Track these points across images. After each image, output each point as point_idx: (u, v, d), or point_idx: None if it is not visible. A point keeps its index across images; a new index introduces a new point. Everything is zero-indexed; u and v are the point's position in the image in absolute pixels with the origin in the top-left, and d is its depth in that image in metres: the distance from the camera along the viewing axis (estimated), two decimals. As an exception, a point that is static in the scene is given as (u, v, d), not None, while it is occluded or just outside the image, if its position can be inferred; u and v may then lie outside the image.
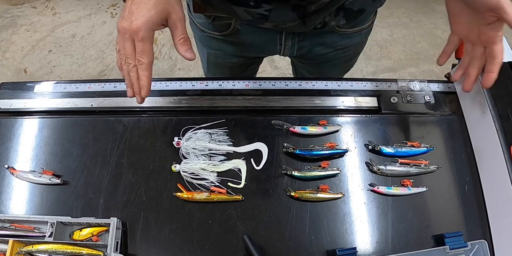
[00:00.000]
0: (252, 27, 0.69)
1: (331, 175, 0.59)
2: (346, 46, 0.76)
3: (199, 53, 0.88)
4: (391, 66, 1.93)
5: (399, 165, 0.59)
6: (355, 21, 0.68)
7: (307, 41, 0.73)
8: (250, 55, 0.80)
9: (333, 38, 0.73)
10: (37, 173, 0.58)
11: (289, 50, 0.75)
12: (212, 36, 0.74)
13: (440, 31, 2.05)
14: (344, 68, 0.90)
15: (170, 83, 0.68)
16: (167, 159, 0.60)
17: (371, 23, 0.75)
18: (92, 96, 0.67)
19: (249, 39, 0.72)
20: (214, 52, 0.80)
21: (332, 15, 0.62)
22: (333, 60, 0.81)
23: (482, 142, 0.60)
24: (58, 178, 0.57)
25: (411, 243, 0.55)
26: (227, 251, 0.54)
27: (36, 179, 0.57)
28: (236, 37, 0.72)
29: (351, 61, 0.87)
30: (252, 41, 0.73)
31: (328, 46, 0.75)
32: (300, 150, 0.59)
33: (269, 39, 0.72)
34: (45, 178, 0.57)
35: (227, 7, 0.59)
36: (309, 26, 0.62)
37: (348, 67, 0.90)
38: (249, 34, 0.71)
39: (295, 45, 0.74)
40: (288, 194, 0.57)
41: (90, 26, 2.05)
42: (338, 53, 0.78)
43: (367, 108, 0.66)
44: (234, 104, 0.66)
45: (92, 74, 1.86)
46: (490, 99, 0.59)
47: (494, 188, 0.56)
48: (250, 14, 0.58)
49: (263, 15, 0.58)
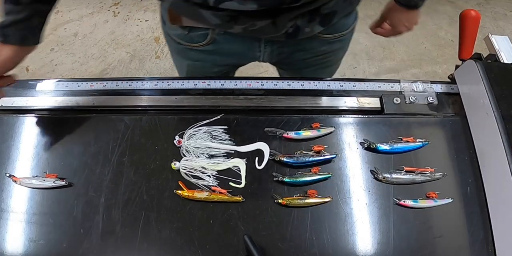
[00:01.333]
0: (229, 35, 0.68)
1: (323, 179, 0.58)
2: (327, 51, 0.76)
3: (176, 67, 0.88)
4: (394, 67, 1.93)
5: (405, 173, 0.59)
6: (331, 25, 0.67)
7: (286, 48, 0.72)
8: (230, 63, 0.80)
9: (313, 43, 0.72)
10: (40, 177, 0.57)
11: (269, 56, 0.75)
12: (190, 48, 0.73)
13: (443, 32, 2.04)
14: (327, 73, 0.89)
15: (172, 82, 0.68)
16: (168, 158, 0.60)
17: (352, 29, 0.74)
18: (93, 94, 0.67)
19: (227, 48, 0.72)
20: (193, 64, 0.80)
21: (305, 19, 0.61)
22: (314, 66, 0.80)
23: (485, 144, 0.59)
24: (62, 180, 0.57)
25: (412, 244, 0.55)
26: (227, 251, 0.54)
27: (40, 183, 0.57)
28: (214, 47, 0.72)
29: (332, 66, 0.86)
30: (230, 50, 0.72)
31: (308, 52, 0.74)
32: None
33: (248, 46, 0.71)
34: (49, 181, 0.57)
35: (196, 12, 0.57)
36: (280, 29, 0.60)
37: (330, 72, 0.89)
38: (227, 43, 0.70)
39: (274, 51, 0.73)
40: (276, 201, 0.56)
41: (92, 25, 2.05)
42: (319, 59, 0.77)
43: (369, 108, 0.66)
44: (236, 104, 0.66)
45: (94, 72, 1.86)
46: (493, 100, 0.58)
47: (497, 190, 0.56)
48: (218, 18, 0.57)
49: (231, 17, 0.57)
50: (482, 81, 0.60)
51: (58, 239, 0.54)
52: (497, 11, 2.21)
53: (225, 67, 0.81)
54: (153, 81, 0.68)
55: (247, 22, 0.58)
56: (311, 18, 0.61)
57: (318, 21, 0.62)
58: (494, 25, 2.14)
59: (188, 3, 0.56)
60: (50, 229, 0.55)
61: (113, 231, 0.55)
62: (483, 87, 0.60)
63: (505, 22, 2.16)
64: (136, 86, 0.68)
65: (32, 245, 0.54)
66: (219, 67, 0.79)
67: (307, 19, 0.61)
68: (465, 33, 0.70)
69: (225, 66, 0.80)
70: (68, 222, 0.55)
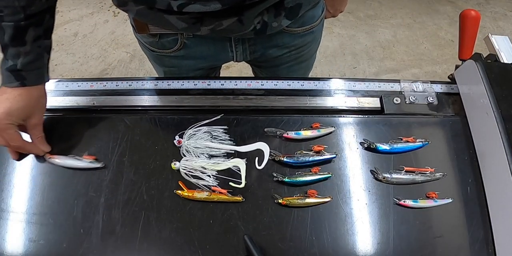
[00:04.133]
0: (198, 39, 0.68)
1: (323, 179, 0.58)
2: (300, 46, 0.75)
3: (157, 72, 0.88)
4: (394, 67, 1.93)
5: (405, 173, 0.59)
6: (298, 18, 0.66)
7: (259, 45, 0.72)
8: (205, 66, 0.79)
9: (284, 39, 0.72)
10: (77, 157, 0.59)
11: (242, 55, 0.75)
12: (163, 55, 0.73)
13: (443, 32, 2.04)
14: (304, 69, 0.89)
15: (172, 82, 0.68)
16: (168, 158, 0.60)
17: (321, 20, 0.75)
18: (94, 94, 0.67)
19: (199, 51, 0.72)
20: (169, 70, 0.80)
21: (271, 14, 0.60)
22: (289, 62, 0.80)
23: (485, 144, 0.59)
24: (99, 162, 0.59)
25: (412, 244, 0.55)
26: (227, 251, 0.54)
27: (74, 163, 0.58)
28: (186, 52, 0.72)
29: (307, 61, 0.86)
30: (202, 53, 0.72)
31: (281, 48, 0.74)
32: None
33: (219, 48, 0.71)
34: (85, 162, 0.58)
35: (162, 19, 0.57)
36: (248, 26, 0.60)
37: (306, 67, 0.89)
38: (198, 46, 0.70)
39: (247, 50, 0.73)
40: (276, 201, 0.56)
41: (92, 25, 2.05)
42: (293, 54, 0.77)
43: (369, 108, 0.66)
44: (236, 104, 0.66)
45: (94, 72, 1.86)
46: (493, 100, 0.58)
47: (497, 190, 0.56)
48: (184, 21, 0.57)
49: (196, 19, 0.56)
50: (482, 81, 0.60)
51: (58, 239, 0.54)
52: (497, 11, 2.22)
53: (201, 70, 0.80)
54: (153, 81, 0.68)
55: (213, 22, 0.57)
56: (277, 12, 0.61)
57: (284, 15, 0.62)
58: (494, 25, 2.14)
59: (153, 10, 0.56)
60: (50, 229, 0.55)
61: (113, 231, 0.55)
62: (483, 87, 0.60)
63: (505, 22, 2.16)
64: (136, 86, 0.68)
65: (32, 245, 0.54)
66: (194, 71, 0.79)
67: (273, 14, 0.61)
68: (465, 33, 0.70)
69: (200, 70, 0.80)
70: (68, 222, 0.55)
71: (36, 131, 0.58)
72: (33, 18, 0.51)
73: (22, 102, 0.54)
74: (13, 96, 0.53)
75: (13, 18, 0.49)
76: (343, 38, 2.03)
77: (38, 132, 0.58)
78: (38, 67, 0.55)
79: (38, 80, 0.55)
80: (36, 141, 0.58)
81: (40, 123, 0.58)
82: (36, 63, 0.54)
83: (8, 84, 0.53)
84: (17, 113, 0.54)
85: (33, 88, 0.55)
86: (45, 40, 0.55)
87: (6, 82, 0.53)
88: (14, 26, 0.50)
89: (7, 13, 0.49)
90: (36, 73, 0.54)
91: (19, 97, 0.53)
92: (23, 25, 0.50)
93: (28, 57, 0.53)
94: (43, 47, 0.55)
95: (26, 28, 0.51)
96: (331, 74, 1.89)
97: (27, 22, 0.50)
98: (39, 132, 0.58)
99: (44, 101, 0.58)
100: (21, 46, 0.52)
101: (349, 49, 1.99)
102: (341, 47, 2.00)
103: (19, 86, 0.53)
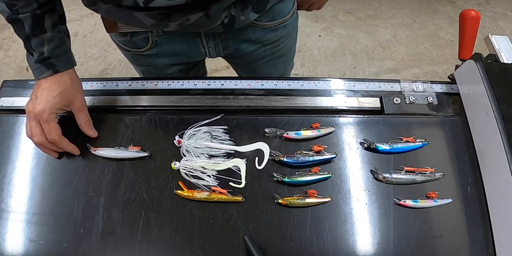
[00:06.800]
0: (169, 36, 0.68)
1: (323, 179, 0.58)
2: (274, 40, 0.75)
3: (137, 72, 0.88)
4: (394, 67, 1.93)
5: (405, 173, 0.59)
6: (267, 12, 0.66)
7: (230, 40, 0.72)
8: (180, 63, 0.79)
9: (256, 33, 0.72)
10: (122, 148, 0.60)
11: (214, 51, 0.75)
12: (137, 54, 0.74)
13: (443, 32, 2.04)
14: (282, 65, 0.88)
15: (172, 82, 0.68)
16: (168, 158, 0.60)
17: (293, 14, 0.74)
18: (93, 94, 0.67)
19: (171, 49, 0.72)
20: (146, 69, 0.80)
21: (238, 8, 0.60)
22: (266, 57, 0.80)
23: (485, 144, 0.59)
24: (145, 151, 0.60)
25: (412, 244, 0.55)
26: (227, 251, 0.54)
27: (121, 154, 0.59)
28: (158, 50, 0.72)
29: (285, 56, 0.85)
30: (174, 50, 0.72)
31: (254, 42, 0.74)
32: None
33: (191, 44, 0.71)
34: (131, 152, 0.59)
35: (130, 16, 0.57)
36: (215, 20, 0.60)
37: (285, 63, 0.88)
38: (170, 44, 0.70)
39: (219, 45, 0.73)
40: (276, 201, 0.56)
41: (92, 25, 2.05)
42: (267, 49, 0.77)
43: (369, 108, 0.66)
44: (236, 104, 0.66)
45: (94, 72, 1.86)
46: (493, 100, 0.58)
47: (497, 190, 0.56)
48: (151, 17, 0.57)
49: (164, 15, 0.56)
50: (482, 81, 0.60)
51: (58, 239, 0.54)
52: (497, 11, 2.22)
53: (176, 66, 0.80)
54: (153, 81, 0.68)
55: (181, 17, 0.57)
56: (244, 6, 0.61)
57: (251, 8, 0.62)
58: (494, 25, 2.14)
59: (121, 8, 0.56)
60: (50, 229, 0.55)
61: (113, 231, 0.55)
62: (483, 87, 0.60)
63: (505, 22, 2.16)
64: (136, 86, 0.68)
65: (32, 245, 0.54)
66: (170, 68, 0.79)
67: (240, 7, 0.61)
68: (465, 33, 0.70)
69: (175, 66, 0.80)
70: (68, 222, 0.55)
71: (82, 115, 0.59)
72: (46, 5, 0.53)
73: (59, 88, 0.55)
74: (49, 86, 0.55)
75: (28, 9, 0.52)
76: (343, 38, 2.03)
77: (85, 115, 0.59)
78: (65, 52, 0.57)
79: (68, 64, 0.57)
80: (84, 125, 0.59)
81: (84, 106, 0.59)
82: (61, 48, 0.56)
83: (41, 76, 0.55)
84: (59, 100, 0.55)
85: (65, 73, 0.56)
86: (62, 25, 0.57)
87: (38, 75, 0.55)
88: (32, 15, 0.52)
89: (21, 5, 0.51)
90: (64, 57, 0.56)
91: (55, 84, 0.55)
92: (40, 13, 0.52)
93: (53, 43, 0.54)
94: (63, 32, 0.57)
95: (42, 15, 0.53)
96: (331, 74, 1.88)
97: (42, 10, 0.53)
98: (86, 116, 0.59)
99: (79, 83, 0.59)
100: (43, 33, 0.54)
101: (349, 49, 1.99)
102: (341, 47, 2.00)
103: (52, 74, 0.55)
